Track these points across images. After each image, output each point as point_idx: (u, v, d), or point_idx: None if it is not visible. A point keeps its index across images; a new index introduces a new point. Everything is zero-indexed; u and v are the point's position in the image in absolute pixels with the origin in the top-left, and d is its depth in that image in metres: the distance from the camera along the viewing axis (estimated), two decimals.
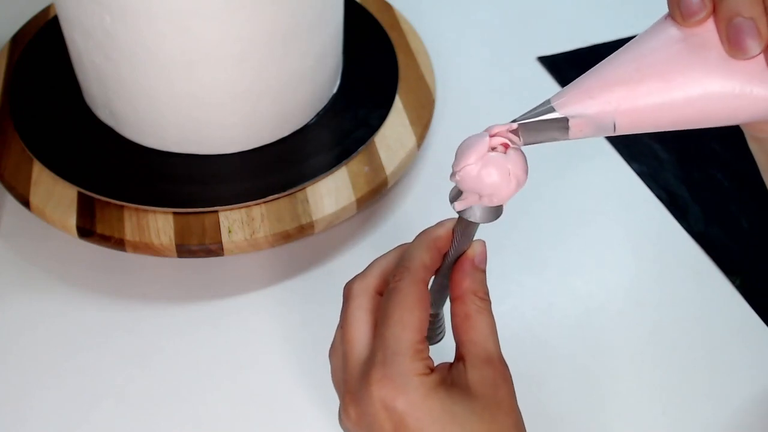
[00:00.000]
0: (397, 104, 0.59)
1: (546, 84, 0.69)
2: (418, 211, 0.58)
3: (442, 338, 0.39)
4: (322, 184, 0.53)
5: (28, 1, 0.67)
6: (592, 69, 0.30)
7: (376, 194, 0.54)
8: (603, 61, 0.30)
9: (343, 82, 0.60)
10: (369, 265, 0.36)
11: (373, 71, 0.61)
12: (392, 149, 0.56)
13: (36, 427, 0.46)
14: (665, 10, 0.29)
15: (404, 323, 0.32)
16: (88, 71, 0.52)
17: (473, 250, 0.35)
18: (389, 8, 0.67)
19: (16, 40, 0.62)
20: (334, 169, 0.54)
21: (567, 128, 0.30)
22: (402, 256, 0.35)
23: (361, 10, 0.66)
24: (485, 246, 0.35)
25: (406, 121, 0.58)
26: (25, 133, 0.54)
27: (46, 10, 0.65)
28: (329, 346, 0.37)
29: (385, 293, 0.34)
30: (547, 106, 0.30)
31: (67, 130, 0.55)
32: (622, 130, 0.30)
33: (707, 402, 0.49)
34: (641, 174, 0.62)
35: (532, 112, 0.30)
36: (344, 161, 0.54)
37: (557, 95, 0.30)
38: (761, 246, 0.58)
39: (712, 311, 0.54)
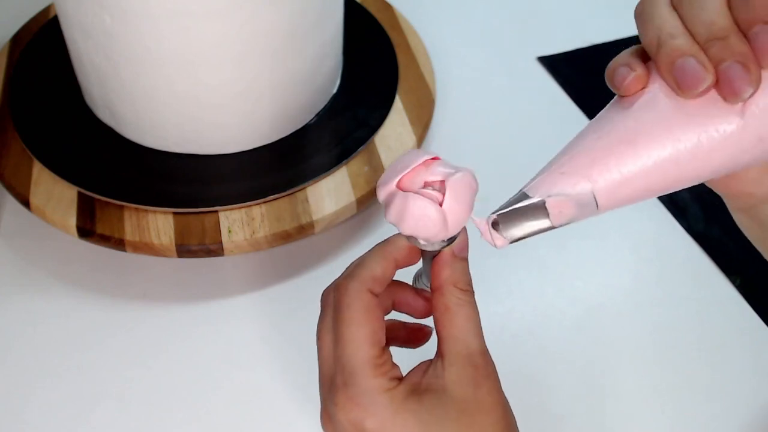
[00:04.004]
0: (397, 104, 0.59)
1: (546, 84, 0.69)
2: None
3: None
4: (322, 184, 0.53)
5: (28, 1, 0.67)
6: (560, 151, 0.30)
7: (376, 194, 0.53)
8: (570, 140, 0.30)
9: (343, 82, 0.60)
10: (345, 269, 0.34)
11: (373, 71, 0.61)
12: (392, 149, 0.56)
13: (36, 427, 0.46)
14: None
15: (356, 341, 0.31)
16: (88, 71, 0.52)
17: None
18: (389, 8, 0.67)
19: (16, 40, 0.62)
20: (334, 169, 0.54)
21: (547, 212, 0.29)
22: (355, 264, 0.33)
23: (361, 10, 0.66)
24: (466, 234, 0.33)
25: (406, 121, 0.58)
26: (25, 133, 0.54)
27: (46, 10, 0.65)
28: None
29: (333, 309, 0.32)
30: (520, 194, 0.29)
31: (67, 130, 0.55)
32: (606, 205, 0.29)
33: (707, 402, 0.49)
34: None
35: (507, 202, 0.29)
36: (344, 161, 0.54)
37: (529, 182, 0.30)
38: None
39: (712, 311, 0.54)
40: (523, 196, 0.29)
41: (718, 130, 0.28)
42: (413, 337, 0.38)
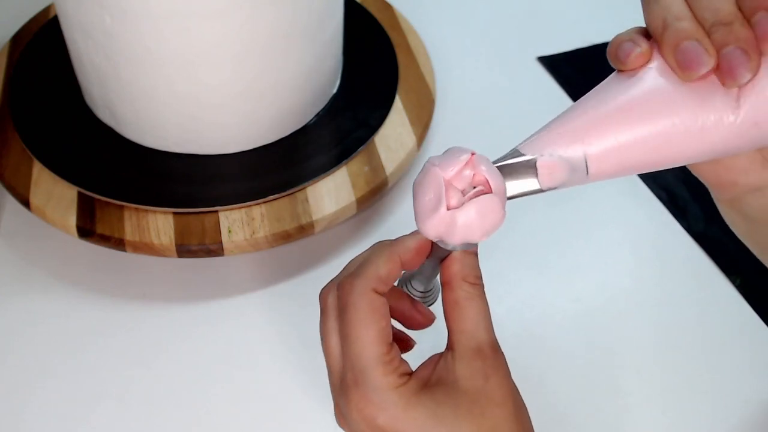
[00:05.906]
0: (397, 104, 0.59)
1: (546, 84, 0.69)
2: None
3: (434, 302, 0.37)
4: (322, 184, 0.53)
5: (28, 1, 0.67)
6: (556, 116, 0.31)
7: (376, 194, 0.54)
8: (566, 108, 0.31)
9: (343, 82, 0.60)
10: (344, 268, 0.35)
11: (373, 71, 0.61)
12: (392, 149, 0.56)
13: (36, 428, 0.46)
14: None
15: (363, 340, 0.31)
16: (88, 71, 0.52)
17: None
18: (389, 8, 0.68)
19: (16, 40, 0.62)
20: (334, 169, 0.54)
21: (536, 171, 0.30)
22: (360, 263, 0.33)
23: (361, 10, 0.66)
24: None
25: (406, 121, 0.58)
26: (25, 133, 0.54)
27: (46, 10, 0.65)
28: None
29: (337, 309, 0.33)
30: (513, 150, 0.30)
31: (67, 130, 0.55)
32: (596, 173, 0.29)
33: (707, 402, 0.49)
34: (641, 174, 0.62)
35: (499, 158, 0.30)
36: (344, 161, 0.54)
37: (523, 141, 0.30)
38: None
39: (712, 311, 0.54)
40: (515, 152, 0.30)
41: (714, 112, 0.28)
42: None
